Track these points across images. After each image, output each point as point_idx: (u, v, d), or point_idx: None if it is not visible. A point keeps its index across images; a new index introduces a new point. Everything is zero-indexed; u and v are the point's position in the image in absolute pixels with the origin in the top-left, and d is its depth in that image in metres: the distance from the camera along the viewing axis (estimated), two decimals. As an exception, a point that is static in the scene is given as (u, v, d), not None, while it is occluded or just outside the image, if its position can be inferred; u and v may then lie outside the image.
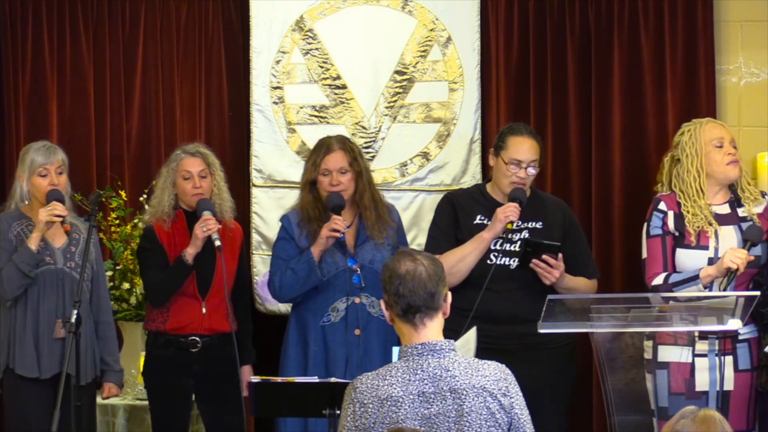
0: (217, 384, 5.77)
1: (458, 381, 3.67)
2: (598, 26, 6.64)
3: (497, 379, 3.71)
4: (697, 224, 5.37)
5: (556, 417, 5.58)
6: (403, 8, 6.74)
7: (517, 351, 5.49)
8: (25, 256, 5.54)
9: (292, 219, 5.77)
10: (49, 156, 5.65)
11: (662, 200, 5.46)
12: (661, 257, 5.39)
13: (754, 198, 5.47)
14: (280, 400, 5.01)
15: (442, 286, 3.75)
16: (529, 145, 5.62)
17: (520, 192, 5.57)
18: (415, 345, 3.71)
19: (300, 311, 5.79)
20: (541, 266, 5.47)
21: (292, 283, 5.65)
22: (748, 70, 6.63)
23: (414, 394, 3.66)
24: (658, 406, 5.25)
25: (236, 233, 5.95)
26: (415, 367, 3.68)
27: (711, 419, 3.27)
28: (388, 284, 3.73)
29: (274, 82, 6.75)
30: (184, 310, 5.77)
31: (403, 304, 3.71)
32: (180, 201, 5.87)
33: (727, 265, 5.16)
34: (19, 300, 5.61)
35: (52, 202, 5.55)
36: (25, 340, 5.59)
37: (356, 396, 3.67)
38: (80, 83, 6.81)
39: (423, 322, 3.72)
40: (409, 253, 3.78)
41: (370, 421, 3.64)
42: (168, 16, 6.84)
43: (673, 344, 5.29)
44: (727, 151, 5.44)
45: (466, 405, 3.66)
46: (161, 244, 5.80)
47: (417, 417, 3.65)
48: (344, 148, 5.73)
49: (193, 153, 5.86)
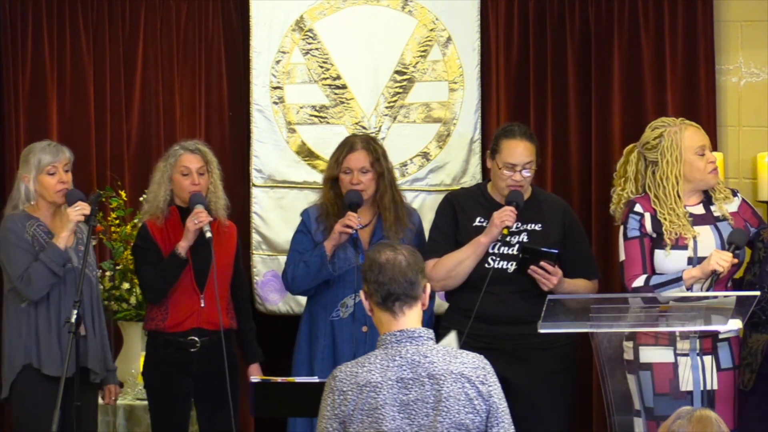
0: (215, 384, 5.77)
1: (436, 367, 3.70)
2: (598, 26, 6.64)
3: (475, 367, 3.75)
4: (675, 231, 5.35)
5: (556, 417, 5.58)
6: (403, 8, 6.74)
7: (518, 351, 5.50)
8: (54, 255, 5.54)
9: (311, 213, 5.84)
10: (57, 154, 5.67)
11: (637, 203, 5.41)
12: (639, 259, 5.37)
13: (725, 196, 5.45)
14: (280, 400, 5.01)
15: (422, 277, 3.79)
16: (522, 148, 5.60)
17: (517, 195, 5.57)
18: (394, 332, 3.75)
19: (312, 305, 5.86)
20: (539, 273, 5.46)
21: (304, 275, 5.72)
22: (748, 70, 6.63)
23: (392, 380, 3.69)
24: (644, 406, 5.24)
25: (231, 231, 5.95)
26: (393, 353, 3.72)
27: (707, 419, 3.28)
28: (369, 272, 3.77)
29: (274, 82, 6.75)
30: (183, 304, 5.78)
31: (383, 292, 3.74)
32: (175, 197, 5.87)
33: (713, 268, 5.15)
34: (41, 299, 5.61)
35: (78, 201, 5.57)
36: (51, 340, 5.59)
37: (335, 384, 3.71)
38: (80, 83, 6.81)
39: (402, 311, 3.76)
40: (389, 244, 3.84)
41: (349, 408, 3.67)
42: (168, 16, 6.84)
43: (654, 345, 5.28)
44: (709, 159, 5.43)
45: (444, 390, 3.69)
46: (155, 242, 5.81)
47: (396, 403, 3.68)
48: (368, 148, 5.79)
49: (192, 150, 5.87)
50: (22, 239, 5.59)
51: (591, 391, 6.52)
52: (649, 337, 5.24)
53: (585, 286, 5.66)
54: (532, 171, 5.65)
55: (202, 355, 5.77)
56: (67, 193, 5.62)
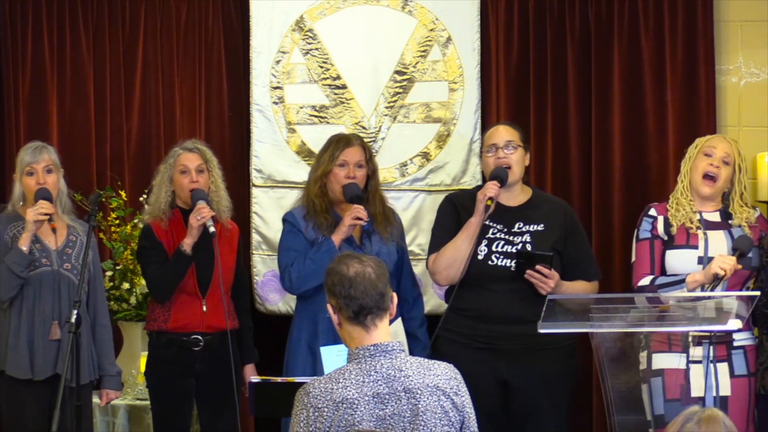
0: (218, 384, 5.77)
1: (412, 381, 3.68)
2: (598, 26, 6.64)
3: (449, 378, 3.74)
4: (679, 219, 5.40)
5: (556, 417, 5.57)
6: (403, 8, 6.74)
7: (518, 351, 5.49)
8: (16, 256, 5.54)
9: (296, 214, 5.79)
10: (35, 155, 5.64)
11: (652, 207, 5.53)
12: (648, 259, 5.41)
13: (745, 217, 5.47)
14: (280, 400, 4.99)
15: (389, 287, 3.76)
16: (501, 129, 5.69)
17: (501, 171, 5.58)
18: (367, 347, 3.70)
19: (306, 306, 5.76)
20: (536, 277, 5.46)
21: (312, 273, 5.62)
22: (748, 70, 6.63)
23: (369, 396, 3.65)
24: (654, 414, 5.25)
25: (233, 232, 5.95)
26: (368, 368, 3.68)
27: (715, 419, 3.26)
28: (338, 287, 3.71)
29: (274, 82, 6.75)
30: (185, 308, 5.78)
31: (355, 306, 3.70)
32: (177, 198, 5.87)
33: (715, 272, 5.17)
34: (14, 302, 5.60)
35: (39, 200, 5.55)
36: (19, 342, 5.57)
37: (309, 401, 3.66)
38: (80, 83, 6.81)
39: (375, 323, 3.72)
40: (354, 256, 3.79)
41: (325, 425, 3.62)
42: (168, 16, 6.84)
43: (667, 351, 5.29)
44: (710, 162, 5.44)
45: (422, 404, 3.67)
46: (160, 242, 5.80)
47: (372, 418, 3.64)
48: (362, 145, 5.82)
49: (190, 149, 5.87)
50: (1, 241, 5.60)
51: (591, 391, 6.52)
52: (663, 344, 5.26)
53: (584, 288, 5.65)
54: (519, 153, 5.63)
55: (206, 355, 5.77)
56: (36, 192, 5.59)
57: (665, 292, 5.25)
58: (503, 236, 5.58)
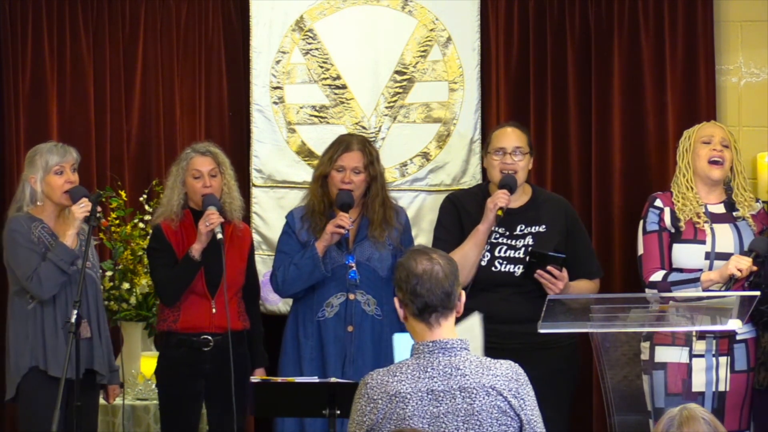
0: (228, 385, 5.75)
1: (468, 380, 3.65)
2: (598, 26, 6.64)
3: (508, 380, 3.70)
4: (686, 214, 5.40)
5: (557, 417, 5.57)
6: (403, 8, 6.74)
7: (520, 351, 5.47)
8: (63, 253, 5.54)
9: (296, 214, 5.83)
10: (64, 154, 5.68)
11: (658, 197, 5.52)
12: (657, 253, 5.41)
13: (748, 204, 5.49)
14: (280, 400, 5.01)
15: (457, 285, 3.72)
16: (510, 132, 5.70)
17: (510, 179, 5.59)
18: (427, 342, 3.69)
19: (298, 306, 5.83)
20: (546, 277, 5.47)
21: (295, 278, 5.69)
22: (748, 70, 6.63)
23: (423, 392, 3.64)
24: (654, 407, 5.25)
25: (245, 234, 5.97)
26: (425, 364, 3.66)
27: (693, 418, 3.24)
28: (405, 283, 3.69)
29: (274, 82, 6.75)
30: (195, 309, 5.78)
31: (420, 304, 3.68)
32: (189, 200, 5.89)
33: (731, 272, 5.17)
34: (47, 301, 5.61)
35: (83, 198, 5.57)
36: (57, 341, 5.58)
37: (366, 391, 3.66)
38: (80, 83, 6.81)
39: (438, 322, 3.70)
40: (425, 252, 3.74)
41: (378, 417, 3.63)
42: (168, 16, 6.84)
43: (670, 345, 5.29)
44: (713, 148, 5.47)
45: (477, 404, 3.64)
46: (169, 243, 5.82)
47: (425, 415, 3.63)
48: (363, 149, 5.80)
49: (203, 152, 5.88)
50: (28, 240, 5.59)
51: (591, 391, 6.52)
52: (666, 336, 5.25)
53: (588, 287, 5.68)
54: (526, 160, 5.66)
55: (216, 355, 5.76)
56: (71, 190, 5.62)
57: (679, 290, 5.25)
58: (505, 240, 5.60)
